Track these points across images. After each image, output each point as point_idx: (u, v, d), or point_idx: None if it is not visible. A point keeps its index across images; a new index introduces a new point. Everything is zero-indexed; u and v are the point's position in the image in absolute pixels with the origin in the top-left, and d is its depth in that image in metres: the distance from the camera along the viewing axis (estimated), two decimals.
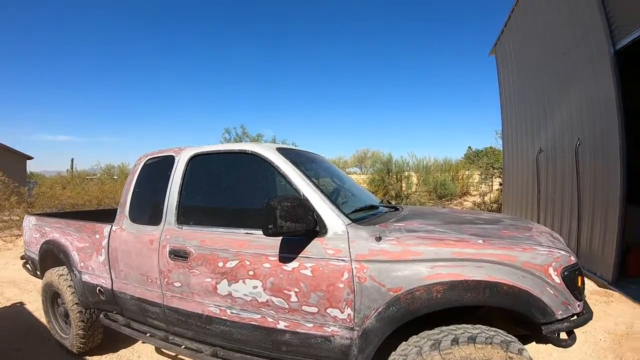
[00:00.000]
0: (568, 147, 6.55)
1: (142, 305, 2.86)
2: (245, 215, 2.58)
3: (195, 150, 2.88)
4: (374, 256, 2.02)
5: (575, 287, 1.96)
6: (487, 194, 14.51)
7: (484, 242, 1.98)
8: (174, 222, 2.72)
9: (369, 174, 17.45)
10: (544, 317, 1.86)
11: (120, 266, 3.00)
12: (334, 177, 3.27)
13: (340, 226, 2.16)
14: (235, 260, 2.34)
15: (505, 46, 9.56)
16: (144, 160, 3.23)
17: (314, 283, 2.09)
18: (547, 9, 7.19)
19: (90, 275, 3.27)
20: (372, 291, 1.98)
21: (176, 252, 2.60)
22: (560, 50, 6.72)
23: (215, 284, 2.41)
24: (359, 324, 2.01)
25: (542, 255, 1.92)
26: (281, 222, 1.96)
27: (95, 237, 3.27)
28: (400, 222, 2.36)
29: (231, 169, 2.78)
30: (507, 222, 2.61)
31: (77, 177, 18.24)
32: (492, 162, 15.53)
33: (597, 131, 5.70)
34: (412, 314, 1.90)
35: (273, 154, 2.51)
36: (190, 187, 2.80)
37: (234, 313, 2.36)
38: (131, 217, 3.07)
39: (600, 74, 5.52)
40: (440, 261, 1.93)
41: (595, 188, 5.79)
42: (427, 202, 13.94)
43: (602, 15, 5.36)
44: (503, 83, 10.00)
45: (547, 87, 7.43)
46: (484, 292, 1.84)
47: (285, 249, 2.20)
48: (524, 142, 8.69)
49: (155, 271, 2.72)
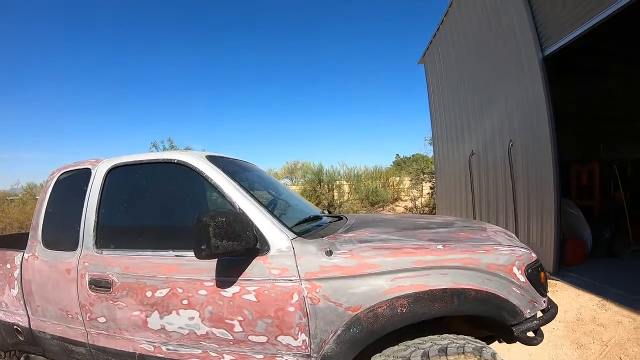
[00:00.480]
0: (500, 148, 6.83)
1: (65, 346, 2.47)
2: (174, 234, 2.26)
3: (114, 161, 2.52)
4: (326, 273, 1.79)
5: (539, 284, 1.93)
6: (418, 199, 15.00)
7: (444, 247, 1.87)
8: (92, 246, 2.36)
9: (300, 185, 17.46)
10: (514, 319, 1.80)
11: (36, 301, 2.58)
12: (269, 187, 3.04)
13: (284, 241, 1.91)
14: (166, 288, 2.02)
15: (435, 55, 9.92)
16: (57, 175, 2.82)
17: (259, 309, 1.83)
18: (476, 19, 7.51)
19: (5, 312, 2.80)
20: (328, 312, 1.75)
21: (97, 281, 2.25)
22: (489, 57, 7.05)
23: (145, 317, 2.08)
24: (316, 350, 1.78)
25: (504, 255, 1.87)
26: (215, 242, 1.67)
27: (6, 267, 2.80)
28: (350, 233, 2.15)
29: (156, 181, 2.44)
30: (459, 224, 2.53)
31: None
32: (422, 168, 16.07)
33: (528, 131, 5.97)
34: (376, 333, 1.72)
35: (203, 163, 2.22)
36: (109, 205, 2.43)
37: (171, 349, 2.05)
38: (45, 242, 2.65)
39: (530, 78, 5.81)
40: (401, 272, 1.76)
41: (529, 185, 6.06)
42: (359, 209, 14.28)
43: (531, 24, 5.66)
44: (432, 90, 10.36)
45: (476, 92, 7.75)
46: (452, 301, 1.73)
47: (222, 272, 1.91)
48: (455, 145, 9.00)
49: (76, 305, 2.34)
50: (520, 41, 5.97)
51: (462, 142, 8.56)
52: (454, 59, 8.74)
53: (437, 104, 10.02)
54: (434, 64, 9.98)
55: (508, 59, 6.40)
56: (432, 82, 10.30)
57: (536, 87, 5.62)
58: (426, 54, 10.43)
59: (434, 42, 9.81)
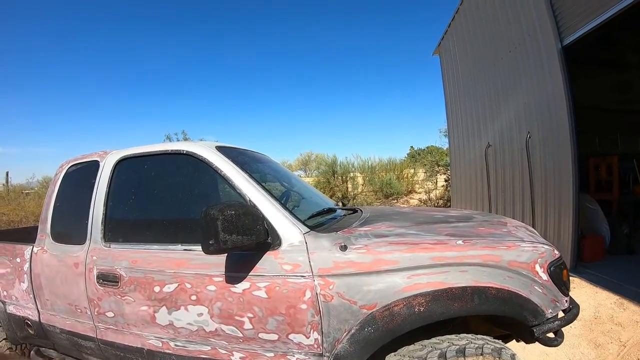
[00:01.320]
0: (517, 141, 6.66)
1: (74, 340, 2.46)
2: (183, 228, 2.19)
3: (122, 153, 2.47)
4: (340, 269, 1.71)
5: (562, 282, 1.84)
6: (432, 191, 14.80)
7: (464, 242, 1.78)
8: (101, 239, 2.32)
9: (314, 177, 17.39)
10: (535, 319, 1.73)
11: (46, 294, 2.57)
12: (282, 179, 2.95)
13: (296, 235, 1.84)
14: (174, 283, 1.97)
15: (450, 45, 9.69)
16: (65, 168, 2.79)
17: (270, 306, 1.76)
18: (492, 7, 7.31)
19: (15, 306, 2.81)
20: (342, 310, 1.67)
21: (105, 276, 2.21)
22: (507, 47, 6.85)
23: (153, 312, 2.04)
24: (329, 349, 1.70)
25: (527, 252, 1.79)
26: (224, 236, 1.60)
27: (16, 260, 2.79)
28: (365, 226, 2.06)
29: (164, 173, 2.37)
30: (479, 218, 2.43)
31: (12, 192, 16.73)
32: (437, 160, 15.85)
33: (546, 124, 5.81)
34: (392, 333, 1.64)
35: (212, 154, 2.15)
36: (117, 197, 2.38)
37: (179, 346, 2.00)
38: (53, 235, 2.63)
39: (548, 69, 5.64)
40: (419, 269, 1.67)
41: (546, 179, 5.90)
42: (373, 201, 14.18)
43: (549, 13, 5.48)
44: (447, 81, 10.13)
45: (493, 84, 7.56)
46: (472, 300, 1.64)
47: (232, 267, 1.84)
48: (471, 137, 8.82)
49: (84, 299, 2.32)
50: (539, 30, 5.80)
51: (478, 134, 8.38)
52: (469, 49, 8.55)
53: (453, 95, 9.81)
54: (449, 54, 9.76)
55: (526, 49, 6.22)
56: (447, 72, 10.07)
57: (555, 78, 5.46)
58: (441, 44, 10.20)
59: (449, 31, 9.60)
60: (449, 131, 10.40)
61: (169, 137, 15.64)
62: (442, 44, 10.16)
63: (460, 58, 9.11)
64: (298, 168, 21.25)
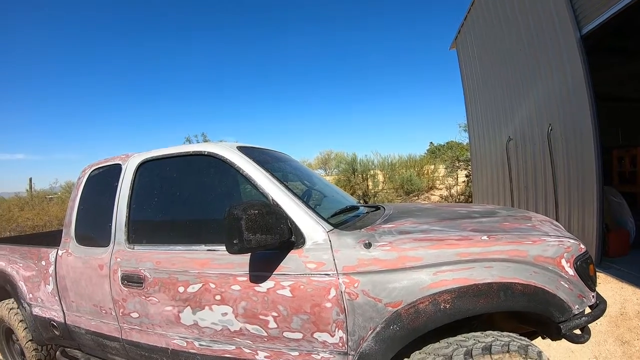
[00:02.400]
0: (538, 134, 6.53)
1: (99, 340, 2.50)
2: (206, 228, 2.20)
3: (144, 155, 2.50)
4: (364, 267, 1.69)
5: (589, 277, 1.80)
6: (453, 187, 14.60)
7: (489, 238, 1.75)
8: (125, 241, 2.35)
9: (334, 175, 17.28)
10: (562, 315, 1.69)
11: (71, 296, 2.62)
12: (303, 177, 2.94)
13: (320, 234, 1.82)
14: (198, 283, 1.98)
15: (467, 39, 9.55)
16: (88, 172, 2.85)
17: (295, 305, 1.75)
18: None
19: (41, 307, 2.87)
20: (367, 308, 1.66)
21: (129, 277, 2.24)
22: (524, 38, 6.73)
23: (177, 312, 2.05)
24: (354, 347, 1.69)
25: (553, 247, 1.74)
26: (248, 235, 1.60)
27: (41, 263, 2.87)
28: (389, 223, 2.04)
29: (186, 175, 2.39)
30: (503, 213, 2.38)
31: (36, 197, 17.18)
32: (457, 155, 15.61)
33: (568, 115, 5.68)
34: (418, 331, 1.61)
35: (234, 154, 2.15)
36: (140, 200, 2.42)
37: (204, 345, 2.01)
38: (78, 238, 2.68)
39: (568, 59, 5.51)
40: (444, 265, 1.65)
41: (569, 172, 5.77)
42: (394, 199, 13.99)
43: (567, 1, 5.35)
44: (466, 75, 9.98)
45: (512, 76, 7.43)
46: (498, 296, 1.60)
47: (256, 266, 1.84)
48: (492, 131, 8.67)
49: (109, 301, 2.36)
50: (556, 19, 5.66)
51: (498, 128, 8.23)
52: (486, 42, 8.41)
53: (471, 89, 9.67)
54: (467, 48, 9.62)
55: (544, 39, 6.09)
56: (465, 66, 9.93)
57: (575, 68, 5.32)
58: (457, 38, 10.06)
59: (465, 25, 9.46)
60: (468, 126, 10.26)
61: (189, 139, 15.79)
62: (458, 38, 10.02)
63: (478, 51, 8.98)
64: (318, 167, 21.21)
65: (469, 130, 10.19)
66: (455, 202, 12.55)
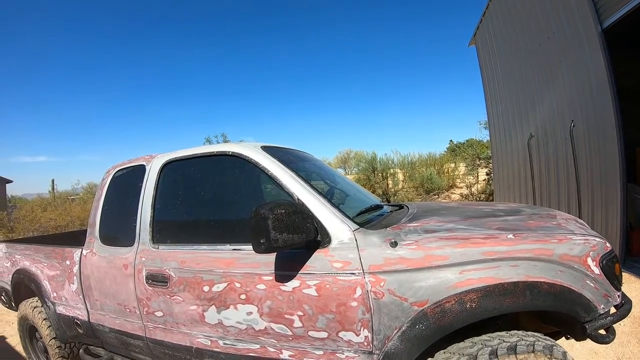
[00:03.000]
0: (560, 130, 6.43)
1: (123, 339, 2.54)
2: (231, 228, 2.21)
3: (168, 156, 2.53)
4: (390, 266, 1.68)
5: (614, 277, 1.77)
6: (474, 185, 14.43)
7: (514, 236, 1.72)
8: (149, 241, 2.38)
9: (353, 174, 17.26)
10: (587, 315, 1.66)
11: (95, 295, 2.66)
12: (327, 177, 2.94)
13: (346, 233, 1.82)
14: (223, 282, 1.99)
15: (486, 35, 9.44)
16: (112, 173, 2.90)
17: (320, 304, 1.75)
18: None
19: (65, 306, 2.93)
20: (393, 308, 1.65)
21: (154, 276, 2.27)
22: (544, 33, 6.61)
23: (202, 311, 2.07)
24: (379, 346, 1.68)
25: (578, 245, 1.71)
26: (275, 235, 1.61)
27: (65, 263, 2.92)
28: (414, 222, 2.02)
29: (211, 175, 2.41)
30: (527, 211, 2.35)
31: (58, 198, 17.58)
32: (478, 153, 15.44)
33: (590, 111, 5.58)
34: (444, 330, 1.60)
35: (258, 154, 2.16)
36: (165, 200, 2.45)
37: (228, 344, 2.02)
38: (102, 238, 2.73)
39: (589, 54, 5.42)
40: (470, 264, 1.63)
41: (592, 169, 5.67)
42: (414, 197, 13.91)
43: None
44: (486, 72, 9.87)
45: (533, 72, 7.31)
46: (524, 295, 1.58)
47: (282, 265, 1.85)
48: (513, 128, 8.56)
49: (133, 300, 2.39)
50: (577, 13, 5.56)
51: (519, 125, 8.12)
52: (506, 37, 8.31)
53: (492, 86, 9.57)
54: (486, 44, 9.52)
55: (565, 34, 5.99)
56: (484, 63, 9.82)
57: (597, 63, 5.22)
58: (476, 35, 9.95)
59: (484, 21, 9.35)
60: (489, 123, 10.14)
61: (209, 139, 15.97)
62: (477, 34, 9.92)
63: (497, 47, 8.87)
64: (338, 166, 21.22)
65: (490, 128, 10.08)
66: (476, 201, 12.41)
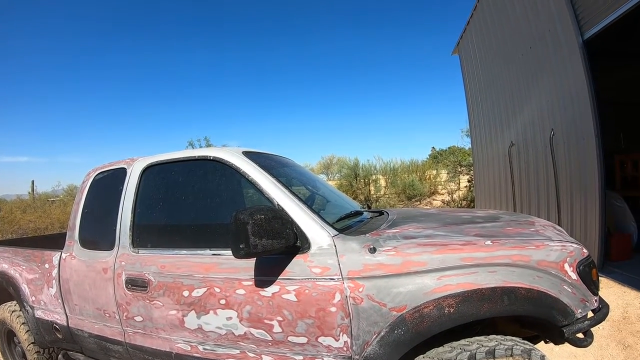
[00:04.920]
0: (540, 138, 6.55)
1: (103, 344, 2.50)
2: (211, 233, 2.21)
3: (149, 160, 2.51)
4: (369, 271, 1.70)
5: (591, 282, 1.82)
6: (455, 192, 14.60)
7: (492, 243, 1.76)
8: (129, 245, 2.36)
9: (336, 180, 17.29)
10: (565, 319, 1.70)
11: (74, 299, 2.62)
12: (308, 182, 2.95)
13: (325, 239, 1.83)
14: (203, 287, 1.98)
15: (469, 44, 9.58)
16: (93, 175, 2.85)
17: (299, 309, 1.76)
18: (510, 4, 7.21)
19: (44, 310, 2.87)
20: (371, 313, 1.66)
21: (133, 281, 2.24)
22: (527, 44, 6.75)
23: (181, 316, 2.05)
24: (358, 351, 1.69)
25: (556, 251, 1.76)
26: (254, 240, 1.61)
27: (44, 266, 2.87)
28: (393, 228, 2.05)
29: (192, 179, 2.39)
30: (506, 218, 2.39)
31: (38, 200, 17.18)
32: (460, 160, 15.62)
33: (570, 120, 5.70)
34: (422, 335, 1.62)
35: (239, 159, 2.16)
36: (145, 204, 2.42)
37: (208, 349, 2.01)
38: (82, 242, 2.68)
39: (570, 64, 5.54)
40: (448, 270, 1.66)
41: (571, 176, 5.78)
42: (396, 204, 13.99)
43: (569, 6, 5.39)
44: (468, 81, 10.00)
45: (514, 81, 7.45)
46: (502, 301, 1.62)
47: (261, 271, 1.85)
48: (494, 136, 8.69)
49: (113, 304, 2.36)
50: (558, 25, 5.69)
51: (500, 133, 8.25)
52: (489, 47, 8.44)
53: (474, 94, 9.70)
54: (469, 53, 9.65)
55: (546, 44, 6.12)
56: (467, 71, 9.95)
57: (577, 73, 5.34)
58: (460, 43, 10.09)
59: (468, 30, 9.49)
60: (470, 131, 10.27)
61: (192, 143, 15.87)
62: (460, 43, 10.06)
63: (480, 56, 9.01)
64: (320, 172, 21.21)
65: (471, 135, 10.20)
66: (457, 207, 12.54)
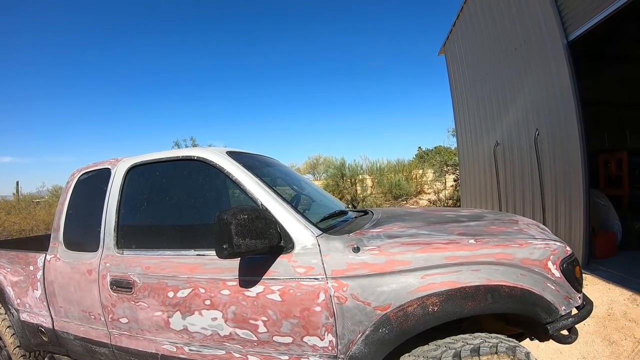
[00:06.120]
0: (525, 138, 6.63)
1: (88, 346, 2.47)
2: (196, 233, 2.20)
3: (133, 160, 2.49)
4: (353, 271, 1.71)
5: (575, 279, 1.84)
6: (441, 191, 14.72)
7: (476, 241, 1.78)
8: (114, 246, 2.34)
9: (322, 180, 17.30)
10: (549, 316, 1.72)
11: (59, 302, 2.59)
12: (292, 182, 2.95)
13: (309, 238, 1.83)
14: (187, 288, 1.97)
15: (455, 45, 9.66)
16: (77, 176, 2.82)
17: (284, 309, 1.76)
18: (496, 6, 7.29)
19: (29, 313, 2.83)
20: (356, 312, 1.67)
21: (118, 282, 2.22)
22: (512, 44, 6.83)
23: (167, 317, 2.04)
24: (343, 351, 1.70)
25: (539, 250, 1.78)
26: (238, 240, 1.61)
27: (29, 268, 2.82)
28: (377, 228, 2.06)
29: (176, 179, 2.38)
30: (490, 217, 2.42)
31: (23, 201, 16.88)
32: (446, 160, 15.76)
33: (555, 120, 5.78)
34: (407, 333, 1.63)
35: (223, 159, 2.16)
36: (130, 204, 2.40)
37: (194, 350, 2.00)
38: (66, 243, 2.65)
39: (555, 65, 5.62)
40: (432, 269, 1.67)
41: (556, 176, 5.87)
42: (383, 203, 14.09)
43: (554, 8, 5.47)
44: (454, 81, 10.08)
45: (500, 82, 7.53)
46: (485, 299, 1.63)
47: (245, 271, 1.85)
48: (479, 136, 8.78)
49: (98, 306, 2.33)
50: (543, 26, 5.77)
51: (486, 133, 8.34)
52: (475, 48, 8.52)
53: (460, 95, 9.77)
54: (455, 54, 9.73)
55: (531, 46, 6.20)
56: (453, 72, 10.03)
57: (562, 74, 5.43)
58: (446, 44, 10.16)
59: (454, 31, 9.56)
60: (457, 131, 10.35)
61: (178, 143, 15.76)
62: (447, 44, 10.13)
63: (466, 57, 9.08)
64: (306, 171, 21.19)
65: (457, 135, 10.29)
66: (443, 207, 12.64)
